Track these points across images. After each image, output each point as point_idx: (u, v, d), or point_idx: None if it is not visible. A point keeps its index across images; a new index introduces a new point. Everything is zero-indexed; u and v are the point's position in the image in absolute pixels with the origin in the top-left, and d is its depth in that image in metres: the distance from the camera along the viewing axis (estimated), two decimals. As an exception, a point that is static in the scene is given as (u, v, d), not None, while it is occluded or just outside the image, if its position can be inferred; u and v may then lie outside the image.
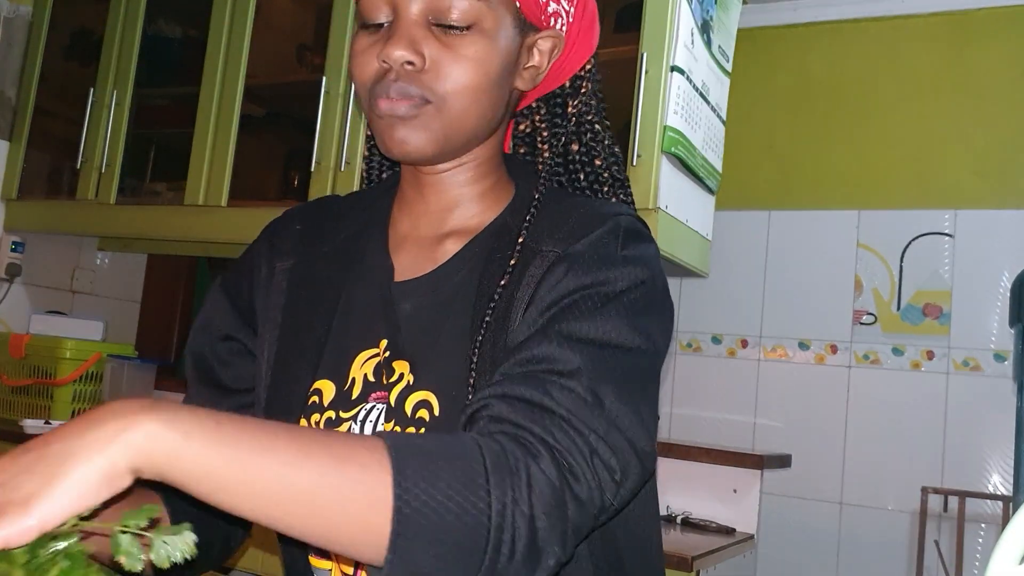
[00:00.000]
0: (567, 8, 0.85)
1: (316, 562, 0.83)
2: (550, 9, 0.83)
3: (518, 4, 0.81)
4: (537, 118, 0.90)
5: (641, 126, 1.87)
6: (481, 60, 0.78)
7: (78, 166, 2.61)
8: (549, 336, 0.72)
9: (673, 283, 3.10)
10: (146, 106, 2.70)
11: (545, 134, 0.89)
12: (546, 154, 0.88)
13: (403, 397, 0.78)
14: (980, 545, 2.59)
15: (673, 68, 1.89)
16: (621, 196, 0.90)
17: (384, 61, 0.77)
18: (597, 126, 0.89)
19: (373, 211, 0.92)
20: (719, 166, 2.15)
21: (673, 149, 1.88)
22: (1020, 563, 0.45)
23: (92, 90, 2.63)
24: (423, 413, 0.77)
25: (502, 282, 0.78)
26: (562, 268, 0.76)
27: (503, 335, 0.76)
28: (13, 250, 2.74)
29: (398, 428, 0.77)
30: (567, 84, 0.89)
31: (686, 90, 1.93)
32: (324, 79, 2.27)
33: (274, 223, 0.95)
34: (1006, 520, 2.19)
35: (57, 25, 2.84)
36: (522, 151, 0.91)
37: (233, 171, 2.41)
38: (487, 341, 0.76)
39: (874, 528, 2.77)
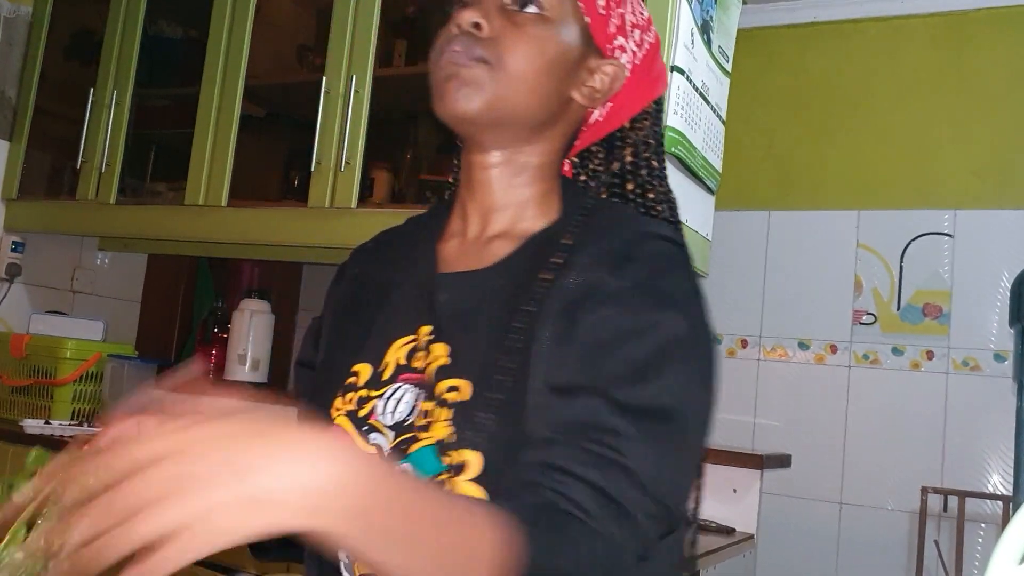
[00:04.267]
0: (634, 49, 0.91)
1: None
2: (616, 42, 0.90)
3: (588, 20, 0.87)
4: (596, 161, 0.94)
5: (641, 126, 1.87)
6: (541, 40, 0.85)
7: (78, 166, 2.61)
8: (601, 399, 0.73)
9: (673, 283, 3.10)
10: (146, 106, 2.69)
11: (603, 177, 0.92)
12: (603, 193, 0.92)
13: (438, 377, 0.81)
14: (980, 545, 2.59)
15: (673, 68, 1.89)
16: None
17: (457, 26, 0.85)
18: (654, 162, 0.93)
19: (435, 218, 0.98)
20: (719, 166, 2.15)
21: (673, 149, 1.88)
22: (1020, 563, 0.45)
23: (92, 90, 2.63)
24: (452, 395, 0.80)
25: (543, 280, 0.81)
26: (605, 304, 0.77)
27: (532, 334, 0.78)
28: (13, 250, 2.74)
29: (429, 405, 0.80)
30: (627, 124, 0.93)
31: (686, 90, 1.93)
32: (324, 79, 2.27)
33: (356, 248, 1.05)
34: (1006, 520, 2.20)
35: (57, 25, 2.84)
36: None
37: (233, 171, 2.41)
38: (519, 336, 0.79)
39: (874, 528, 2.77)
